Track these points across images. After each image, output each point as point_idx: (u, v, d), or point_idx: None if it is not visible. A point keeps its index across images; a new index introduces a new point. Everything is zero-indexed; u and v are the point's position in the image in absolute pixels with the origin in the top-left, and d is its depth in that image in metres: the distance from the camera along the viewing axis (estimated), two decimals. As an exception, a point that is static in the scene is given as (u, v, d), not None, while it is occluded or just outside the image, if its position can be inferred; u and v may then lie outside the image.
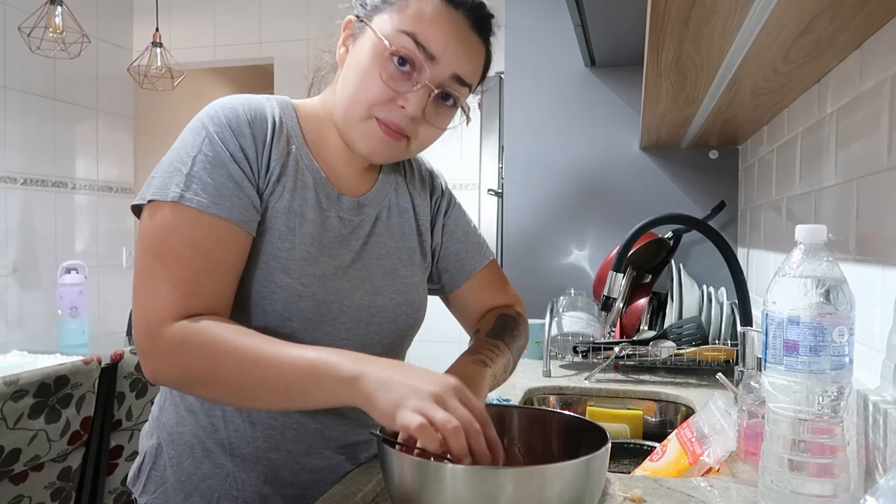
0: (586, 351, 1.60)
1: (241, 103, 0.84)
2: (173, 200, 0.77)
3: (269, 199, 0.83)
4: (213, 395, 0.80)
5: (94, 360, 1.81)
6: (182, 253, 0.77)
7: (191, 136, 0.81)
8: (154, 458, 0.91)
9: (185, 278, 0.76)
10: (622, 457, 1.25)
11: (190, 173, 0.78)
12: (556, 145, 2.06)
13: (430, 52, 0.80)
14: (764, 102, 1.31)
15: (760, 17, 0.83)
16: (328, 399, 0.72)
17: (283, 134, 0.86)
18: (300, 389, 0.72)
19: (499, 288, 1.06)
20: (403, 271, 0.95)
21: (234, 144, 0.80)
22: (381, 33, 0.80)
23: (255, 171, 0.82)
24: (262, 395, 0.75)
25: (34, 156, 3.50)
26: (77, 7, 3.05)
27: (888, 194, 0.82)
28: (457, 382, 0.68)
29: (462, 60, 0.82)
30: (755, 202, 1.70)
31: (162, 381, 0.78)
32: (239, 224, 0.79)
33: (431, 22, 0.80)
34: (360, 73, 0.82)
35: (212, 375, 0.75)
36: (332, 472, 0.91)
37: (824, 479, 0.68)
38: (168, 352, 0.75)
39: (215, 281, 0.78)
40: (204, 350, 0.74)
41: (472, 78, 0.85)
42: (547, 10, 2.06)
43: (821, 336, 0.66)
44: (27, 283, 3.46)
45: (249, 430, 0.88)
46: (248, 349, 0.74)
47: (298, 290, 0.83)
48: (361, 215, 0.91)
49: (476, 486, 0.64)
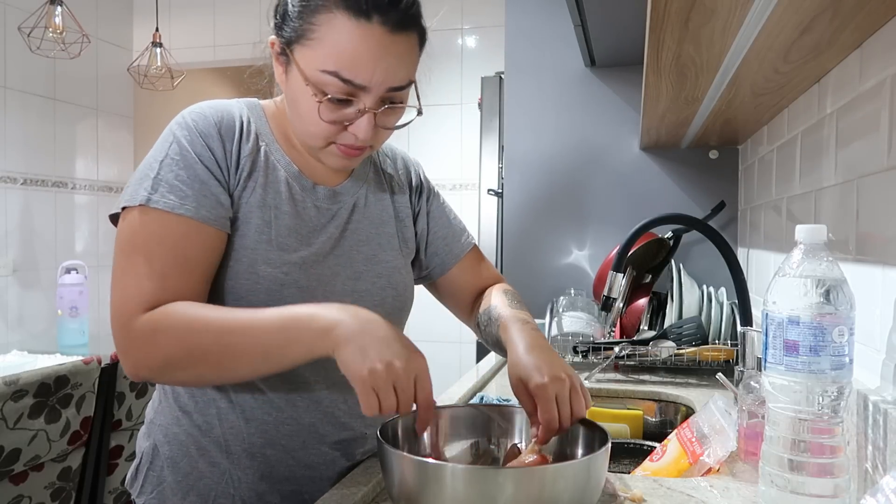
0: (586, 351, 1.60)
1: (209, 107, 0.87)
2: (141, 203, 0.80)
3: (241, 196, 0.86)
4: (196, 376, 0.81)
5: (94, 360, 1.81)
6: (149, 249, 0.80)
7: (160, 144, 0.84)
8: (151, 459, 0.92)
9: (154, 273, 0.79)
10: (622, 457, 1.25)
11: (157, 177, 0.81)
12: (556, 145, 2.06)
13: (358, 84, 0.79)
14: (764, 102, 1.31)
15: (760, 18, 0.83)
16: (305, 352, 0.75)
17: (252, 133, 0.88)
18: (278, 349, 0.75)
19: (485, 268, 1.10)
20: (384, 256, 0.97)
21: (200, 145, 0.83)
22: (306, 73, 0.80)
23: (224, 170, 0.84)
24: (242, 363, 0.77)
25: (34, 156, 3.50)
26: (77, 7, 3.05)
27: (888, 194, 0.82)
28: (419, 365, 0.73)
29: (392, 73, 0.80)
30: (755, 202, 1.69)
31: (143, 373, 0.80)
32: (206, 222, 0.82)
33: (350, 52, 0.77)
34: (302, 113, 0.83)
35: (190, 355, 0.77)
36: (327, 468, 0.92)
37: (824, 479, 0.68)
38: (142, 342, 0.78)
39: (184, 276, 0.80)
40: (176, 332, 0.77)
41: (408, 76, 0.84)
42: (547, 10, 2.06)
43: (821, 336, 0.66)
44: (27, 283, 3.46)
45: (244, 427, 0.89)
46: (220, 320, 0.77)
47: (281, 278, 0.85)
48: (338, 204, 0.94)
49: (476, 486, 0.64)
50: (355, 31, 0.77)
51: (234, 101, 0.91)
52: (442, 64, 3.65)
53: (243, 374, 0.82)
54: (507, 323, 0.93)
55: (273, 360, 0.77)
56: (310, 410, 0.90)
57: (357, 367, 0.71)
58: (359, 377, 0.71)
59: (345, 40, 0.77)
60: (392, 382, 0.71)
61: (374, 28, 0.77)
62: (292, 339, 0.75)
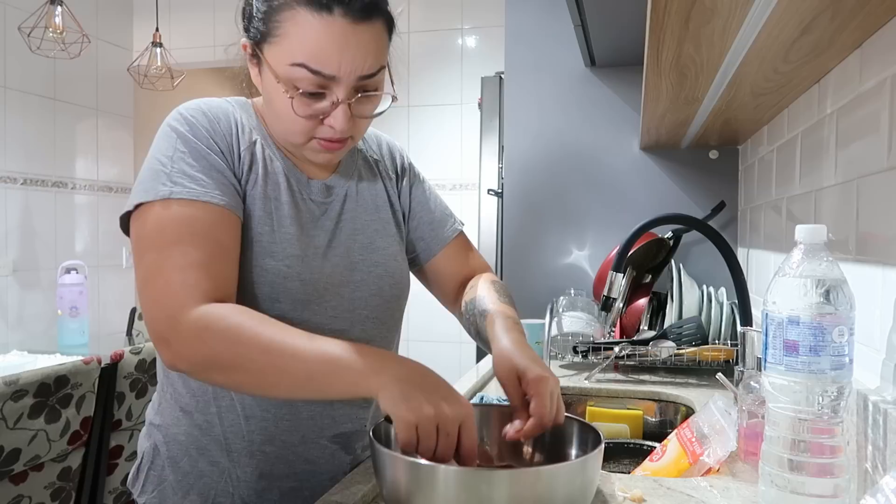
0: (586, 351, 1.60)
1: (203, 103, 0.88)
2: (163, 198, 0.79)
3: (245, 187, 0.86)
4: (232, 382, 0.80)
5: (94, 360, 1.81)
6: (185, 241, 0.78)
7: (163, 141, 0.84)
8: (151, 459, 0.92)
9: (195, 263, 0.78)
10: (622, 457, 1.25)
11: (172, 171, 0.81)
12: (556, 145, 2.06)
13: (327, 74, 0.79)
14: (764, 102, 1.31)
15: (760, 18, 0.83)
16: (346, 388, 0.74)
17: (247, 127, 0.89)
18: (322, 378, 0.74)
19: (471, 255, 1.09)
20: (380, 243, 0.97)
21: (206, 138, 0.84)
22: (276, 70, 0.80)
23: (230, 160, 0.85)
24: (283, 383, 0.76)
25: (34, 156, 3.50)
26: (77, 7, 3.05)
27: (888, 194, 0.82)
28: (467, 412, 0.71)
29: (359, 62, 0.80)
30: (755, 202, 1.69)
31: (182, 366, 0.78)
32: (230, 208, 0.82)
33: (315, 44, 0.78)
34: (278, 111, 0.83)
35: (234, 361, 0.75)
36: (327, 462, 0.92)
37: (824, 479, 0.67)
38: (190, 337, 0.76)
39: (223, 263, 0.80)
40: (227, 336, 0.75)
41: (379, 63, 0.83)
42: (547, 10, 2.06)
43: (821, 336, 0.66)
44: (27, 283, 3.46)
45: (244, 425, 0.89)
46: (272, 336, 0.75)
47: (284, 271, 0.85)
48: (331, 196, 0.94)
49: (470, 487, 0.64)
50: (318, 25, 0.77)
51: (223, 100, 0.91)
52: (442, 64, 3.65)
53: (281, 393, 0.81)
54: (495, 317, 0.92)
55: (313, 388, 0.76)
56: (308, 404, 0.91)
57: (402, 406, 0.69)
58: (403, 416, 0.69)
59: (309, 34, 0.78)
60: (436, 424, 0.69)
61: (335, 20, 0.77)
62: (337, 372, 0.73)
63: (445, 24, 3.67)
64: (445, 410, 0.69)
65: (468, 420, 0.71)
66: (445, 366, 3.48)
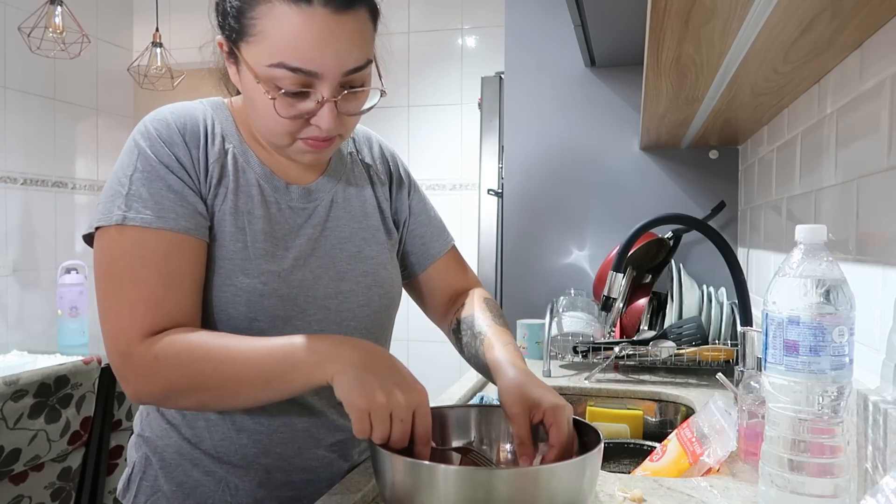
0: (586, 351, 1.60)
1: (171, 112, 0.83)
2: (117, 223, 0.77)
3: (213, 203, 0.83)
4: (198, 403, 0.80)
5: (94, 360, 1.81)
6: (134, 273, 0.77)
7: (126, 157, 0.81)
8: (143, 469, 0.90)
9: (143, 297, 0.77)
10: (622, 457, 1.25)
11: (129, 193, 0.78)
12: (556, 145, 2.06)
13: (310, 71, 0.75)
14: (764, 102, 1.31)
15: (760, 18, 0.83)
16: (304, 381, 0.74)
17: (218, 136, 0.85)
18: (279, 378, 0.74)
19: (463, 270, 1.07)
20: (369, 251, 0.93)
21: (167, 155, 0.80)
22: (255, 70, 0.76)
23: (194, 178, 0.82)
24: (243, 392, 0.76)
25: (34, 156, 3.50)
26: (77, 7, 3.05)
27: (888, 194, 0.82)
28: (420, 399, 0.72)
29: (344, 55, 0.75)
30: (755, 202, 1.69)
31: (145, 399, 0.79)
32: (187, 233, 0.79)
33: (294, 40, 0.73)
34: (260, 112, 0.79)
35: (192, 383, 0.76)
36: (325, 470, 0.91)
37: (824, 479, 0.68)
38: (143, 371, 0.76)
39: (174, 294, 0.78)
40: (178, 360, 0.75)
41: (364, 56, 0.78)
42: (547, 10, 2.06)
43: (821, 336, 0.66)
44: (27, 283, 3.46)
45: (236, 437, 0.87)
46: (222, 349, 0.75)
47: (259, 288, 0.83)
48: (314, 202, 0.90)
49: (469, 487, 0.64)
50: (297, 18, 0.73)
51: (197, 103, 0.87)
52: (442, 64, 3.65)
53: (245, 402, 0.80)
54: (493, 343, 0.90)
55: (274, 389, 0.75)
56: (302, 415, 0.88)
57: (355, 393, 0.69)
58: (355, 403, 0.69)
59: (287, 28, 0.73)
60: (390, 412, 0.69)
61: (316, 11, 0.73)
62: (292, 367, 0.73)
63: (445, 24, 3.67)
64: (398, 397, 0.70)
65: (422, 406, 0.71)
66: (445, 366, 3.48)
